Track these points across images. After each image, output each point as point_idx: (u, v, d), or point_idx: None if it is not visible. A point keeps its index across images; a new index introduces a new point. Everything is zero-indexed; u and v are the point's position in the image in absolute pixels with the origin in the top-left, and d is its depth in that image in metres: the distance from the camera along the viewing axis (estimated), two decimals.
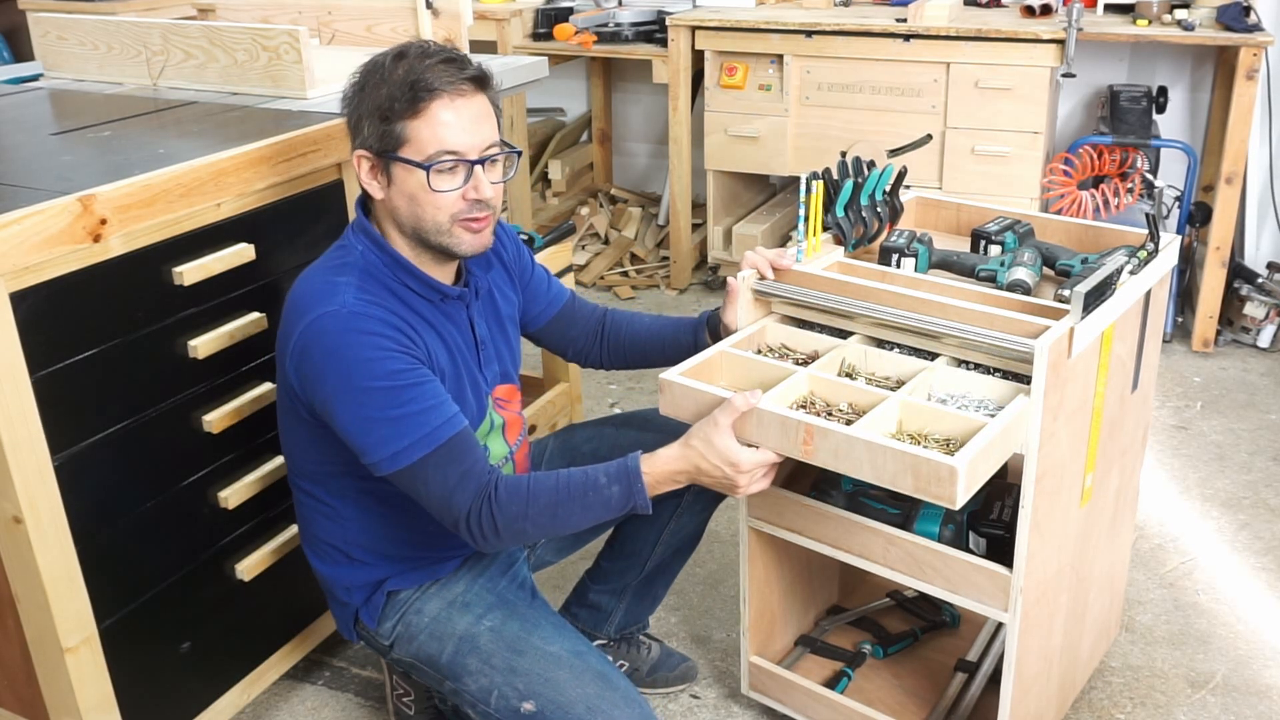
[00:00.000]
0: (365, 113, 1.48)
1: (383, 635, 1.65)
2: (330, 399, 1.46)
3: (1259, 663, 2.13)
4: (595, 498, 1.49)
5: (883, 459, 1.39)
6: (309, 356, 1.46)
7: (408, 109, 1.45)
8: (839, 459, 1.43)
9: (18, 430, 1.46)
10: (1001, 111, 3.30)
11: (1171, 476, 2.76)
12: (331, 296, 1.47)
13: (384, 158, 1.48)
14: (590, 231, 4.32)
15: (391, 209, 1.52)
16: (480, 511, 1.46)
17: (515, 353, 1.75)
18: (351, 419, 1.45)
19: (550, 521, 1.50)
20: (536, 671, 1.52)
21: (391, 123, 1.46)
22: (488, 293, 1.68)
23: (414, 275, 1.54)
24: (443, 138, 1.46)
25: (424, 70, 1.45)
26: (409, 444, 1.44)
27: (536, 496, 1.48)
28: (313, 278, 1.52)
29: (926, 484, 1.36)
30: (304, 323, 1.46)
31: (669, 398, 1.58)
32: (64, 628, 1.56)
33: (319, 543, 1.67)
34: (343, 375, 1.44)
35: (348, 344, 1.44)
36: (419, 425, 1.44)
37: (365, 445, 1.46)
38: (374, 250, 1.53)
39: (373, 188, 1.52)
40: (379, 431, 1.44)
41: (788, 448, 1.47)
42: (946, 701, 1.91)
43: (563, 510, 1.49)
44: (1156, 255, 1.73)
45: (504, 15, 3.78)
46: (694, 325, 1.83)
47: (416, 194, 1.49)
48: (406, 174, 1.48)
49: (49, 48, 2.44)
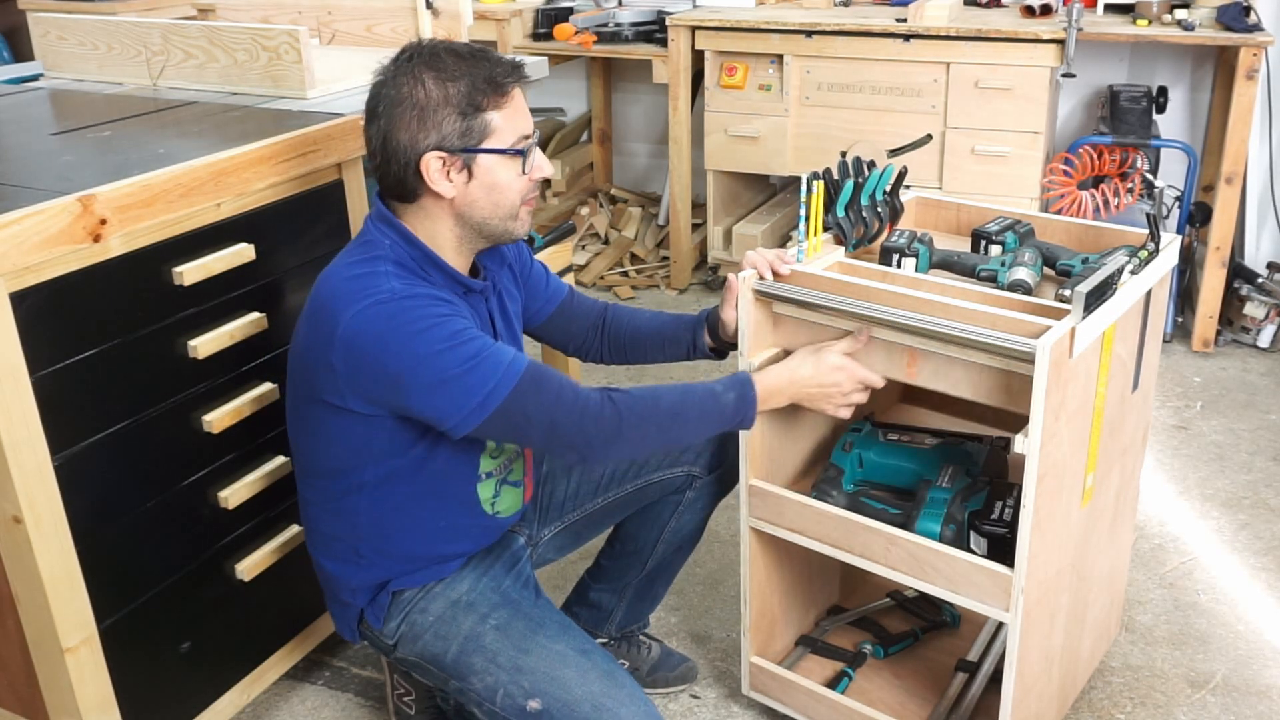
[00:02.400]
0: (435, 114, 1.46)
1: (387, 635, 1.65)
2: (399, 376, 1.45)
3: (1259, 663, 2.13)
4: (713, 405, 1.56)
5: (979, 375, 1.55)
6: (366, 341, 1.45)
7: (493, 100, 1.48)
8: (938, 378, 1.60)
9: (18, 430, 1.45)
10: (1001, 111, 3.30)
11: (1171, 476, 2.76)
12: (376, 284, 1.47)
13: (466, 153, 1.48)
14: (590, 231, 4.32)
15: (466, 204, 1.52)
16: (602, 414, 1.49)
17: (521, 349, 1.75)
18: (428, 387, 1.45)
19: (671, 423, 1.55)
20: (542, 670, 1.53)
21: (475, 116, 1.47)
22: (500, 291, 1.69)
23: (441, 269, 1.54)
24: (520, 124, 1.51)
25: (489, 64, 1.49)
26: (494, 385, 1.44)
27: (659, 398, 1.54)
28: (345, 272, 1.51)
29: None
30: (351, 312, 1.45)
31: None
32: (64, 628, 1.56)
33: (327, 540, 1.66)
34: (408, 349, 1.44)
35: (406, 321, 1.44)
36: (495, 367, 1.45)
37: (448, 406, 1.45)
38: (402, 244, 1.53)
39: (446, 188, 1.50)
40: (459, 386, 1.44)
41: (894, 371, 1.64)
42: (947, 701, 1.91)
43: (684, 414, 1.55)
44: (1157, 255, 1.73)
45: (504, 15, 3.78)
46: (693, 323, 1.84)
47: (500, 183, 1.51)
48: (493, 164, 1.50)
49: (49, 48, 2.44)
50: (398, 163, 1.49)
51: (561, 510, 1.86)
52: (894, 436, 1.94)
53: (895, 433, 1.95)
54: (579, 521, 1.88)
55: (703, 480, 1.87)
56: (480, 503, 1.67)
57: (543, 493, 1.86)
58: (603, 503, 1.87)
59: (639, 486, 1.86)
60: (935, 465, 1.84)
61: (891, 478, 1.88)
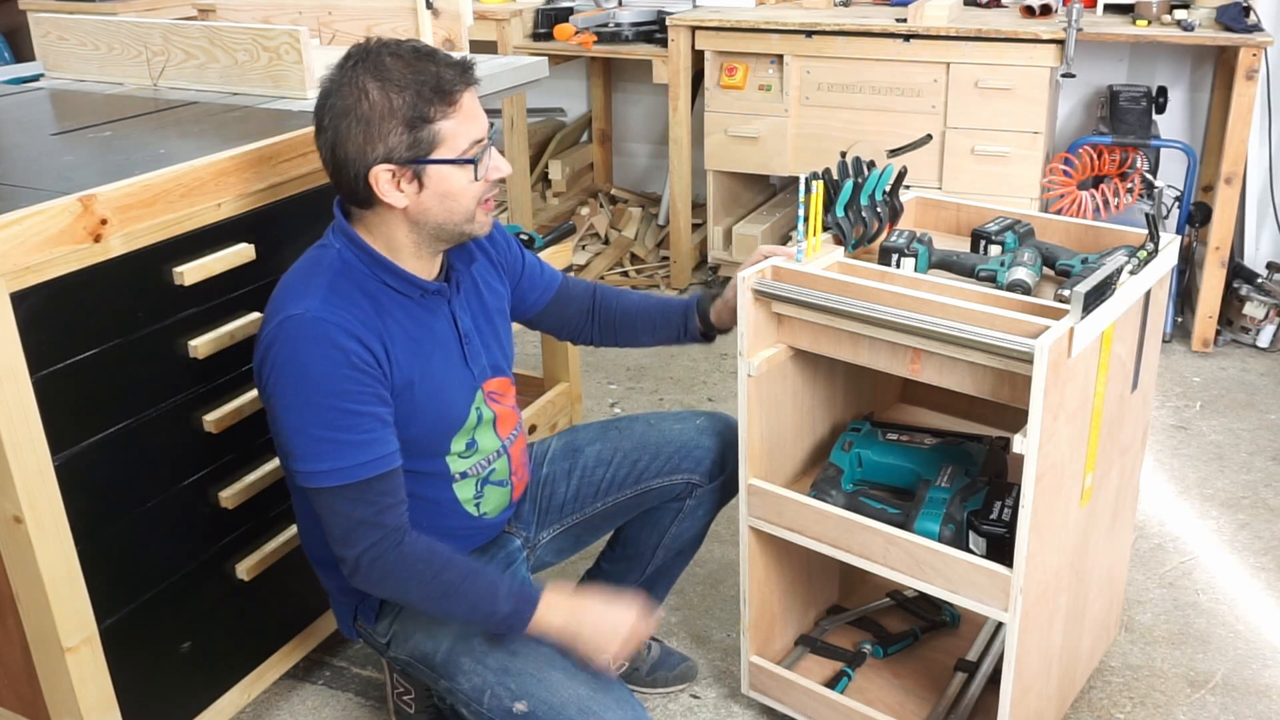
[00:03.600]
0: (380, 127, 1.43)
1: (380, 633, 1.66)
2: (276, 400, 1.47)
3: (1259, 663, 2.13)
4: (486, 605, 1.52)
5: (981, 373, 1.55)
6: (269, 355, 1.47)
7: (440, 109, 1.44)
8: (941, 375, 1.60)
9: (18, 430, 1.46)
10: (1001, 111, 3.30)
11: (1171, 476, 2.76)
12: (300, 299, 1.47)
13: (415, 164, 1.46)
14: (590, 231, 4.32)
15: (418, 213, 1.50)
16: (377, 553, 1.48)
17: (506, 346, 1.74)
18: (289, 424, 1.46)
19: (438, 598, 1.52)
20: (529, 672, 1.53)
21: (422, 128, 1.44)
22: (471, 286, 1.67)
23: (392, 272, 1.53)
24: (471, 130, 1.48)
25: (436, 69, 1.45)
26: (329, 469, 1.45)
27: (444, 569, 1.51)
28: (288, 279, 1.53)
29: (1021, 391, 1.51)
30: (274, 323, 1.47)
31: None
32: (64, 627, 1.56)
33: (316, 540, 1.66)
34: (292, 382, 1.45)
35: (305, 351, 1.44)
36: (345, 455, 1.45)
37: (293, 452, 1.47)
38: (351, 249, 1.52)
39: (397, 198, 1.48)
40: (308, 445, 1.45)
41: (896, 367, 1.64)
42: (946, 701, 1.91)
43: (455, 596, 1.51)
44: (1156, 255, 1.73)
45: (504, 15, 3.78)
46: (684, 307, 1.84)
47: (452, 190, 1.49)
48: (445, 173, 1.47)
49: (49, 48, 2.44)
50: (348, 174, 1.47)
51: (561, 513, 1.86)
52: (893, 436, 1.94)
53: (894, 432, 1.95)
54: (578, 525, 1.88)
55: (703, 489, 1.87)
56: (462, 504, 1.67)
57: (542, 495, 1.86)
58: (602, 507, 1.86)
59: (639, 492, 1.86)
60: (934, 465, 1.84)
61: (891, 477, 1.88)
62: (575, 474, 1.85)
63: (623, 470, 1.84)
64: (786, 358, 1.81)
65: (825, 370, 1.93)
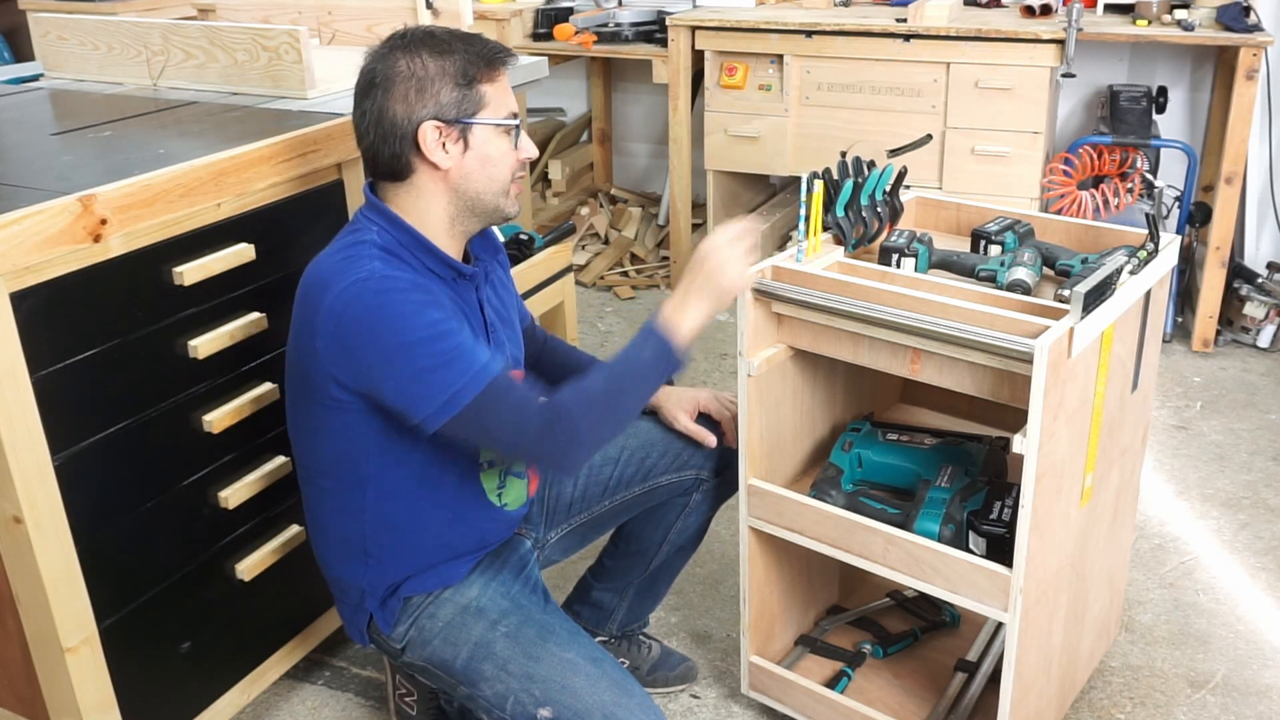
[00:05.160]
0: (432, 84, 1.49)
1: (395, 640, 1.65)
2: (376, 360, 1.46)
3: (1259, 663, 2.13)
4: (638, 364, 1.55)
5: (981, 373, 1.56)
6: (344, 324, 1.46)
7: (486, 74, 1.52)
8: (942, 375, 1.61)
9: (18, 430, 1.46)
10: (1001, 111, 3.30)
11: (1171, 476, 2.76)
12: (357, 266, 1.47)
13: (461, 123, 1.51)
14: (590, 231, 4.32)
15: (460, 176, 1.53)
16: (554, 425, 1.48)
17: (519, 345, 1.76)
18: (401, 374, 1.45)
19: (617, 403, 1.54)
20: (553, 678, 1.52)
21: (472, 87, 1.51)
22: (492, 281, 1.69)
23: (430, 252, 1.54)
24: (509, 102, 1.55)
25: (483, 42, 1.53)
26: (462, 385, 1.44)
27: (593, 386, 1.52)
28: (329, 258, 1.52)
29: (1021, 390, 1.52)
30: (331, 294, 1.46)
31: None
32: (64, 628, 1.56)
33: (335, 542, 1.65)
34: (386, 334, 1.44)
35: (385, 303, 1.45)
36: (466, 367, 1.45)
37: (418, 398, 1.45)
38: (390, 229, 1.53)
39: (442, 158, 1.52)
40: (431, 380, 1.44)
41: (896, 367, 1.64)
42: (946, 701, 1.91)
43: (622, 387, 1.54)
44: (1156, 255, 1.73)
45: (504, 15, 3.78)
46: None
47: (494, 155, 1.54)
48: (488, 135, 1.53)
49: (49, 48, 2.44)
50: (394, 136, 1.51)
51: (568, 513, 1.86)
52: (893, 436, 1.94)
53: (894, 432, 1.95)
54: (586, 524, 1.88)
55: (709, 483, 1.88)
56: (486, 494, 1.67)
57: (549, 495, 1.85)
58: (610, 505, 1.86)
59: (647, 489, 1.86)
60: (934, 465, 1.84)
61: (890, 477, 1.88)
62: (582, 473, 1.85)
63: (630, 467, 1.85)
64: (786, 358, 1.81)
65: (825, 370, 1.93)
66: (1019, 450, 1.49)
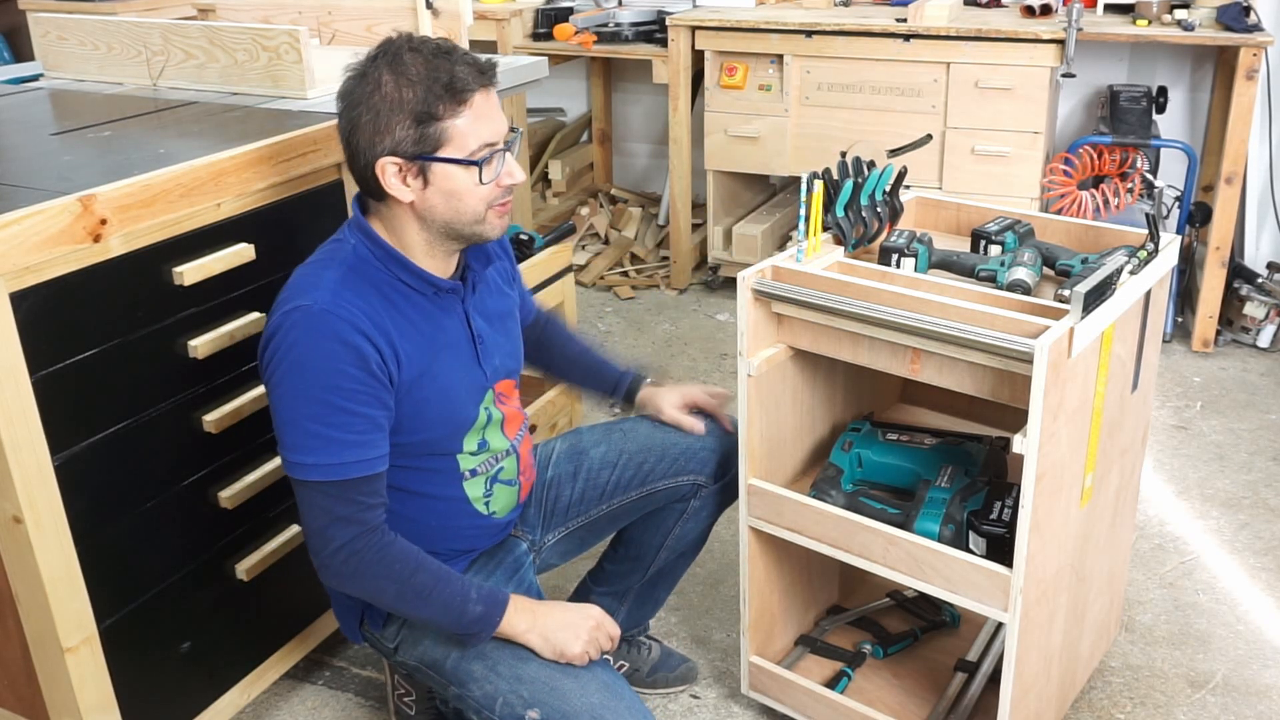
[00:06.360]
0: (389, 119, 1.45)
1: (387, 638, 1.65)
2: (275, 388, 1.47)
3: (1259, 663, 2.13)
4: (458, 606, 1.52)
5: (981, 373, 1.56)
6: (273, 343, 1.47)
7: (449, 109, 1.45)
8: (941, 375, 1.61)
9: (18, 430, 1.46)
10: (1001, 111, 3.30)
11: (1171, 476, 2.76)
12: (310, 291, 1.47)
13: (420, 160, 1.47)
14: (590, 231, 4.32)
15: (425, 209, 1.50)
16: (353, 549, 1.48)
17: (517, 348, 1.75)
18: (283, 413, 1.47)
19: (411, 599, 1.52)
20: (542, 679, 1.52)
21: (430, 124, 1.45)
22: (485, 287, 1.68)
23: (407, 269, 1.53)
24: (482, 132, 1.48)
25: (451, 68, 1.46)
26: (315, 463, 1.45)
27: (418, 571, 1.51)
28: (302, 270, 1.53)
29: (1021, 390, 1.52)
30: (278, 314, 1.48)
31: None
32: (64, 628, 1.56)
33: None
34: (292, 372, 1.45)
35: (308, 344, 1.44)
36: (333, 452, 1.45)
37: (283, 440, 1.48)
38: (366, 244, 1.53)
39: (403, 192, 1.48)
40: (299, 437, 1.45)
41: (896, 367, 1.65)
42: (946, 701, 1.91)
43: (429, 598, 1.51)
44: (1156, 255, 1.73)
45: (504, 15, 3.78)
46: (616, 379, 1.92)
47: (458, 190, 1.49)
48: (449, 172, 1.48)
49: (49, 48, 2.44)
50: (358, 163, 1.50)
51: (566, 516, 1.86)
52: (893, 436, 1.94)
53: (894, 432, 1.95)
54: (583, 528, 1.87)
55: (708, 490, 1.87)
56: (471, 502, 1.67)
57: (547, 498, 1.85)
58: (607, 509, 1.86)
59: (644, 494, 1.85)
60: (934, 465, 1.84)
61: (891, 477, 1.88)
62: (580, 476, 1.85)
63: (628, 472, 1.84)
64: (786, 358, 1.81)
65: (825, 370, 1.93)
66: (1019, 450, 1.49)
